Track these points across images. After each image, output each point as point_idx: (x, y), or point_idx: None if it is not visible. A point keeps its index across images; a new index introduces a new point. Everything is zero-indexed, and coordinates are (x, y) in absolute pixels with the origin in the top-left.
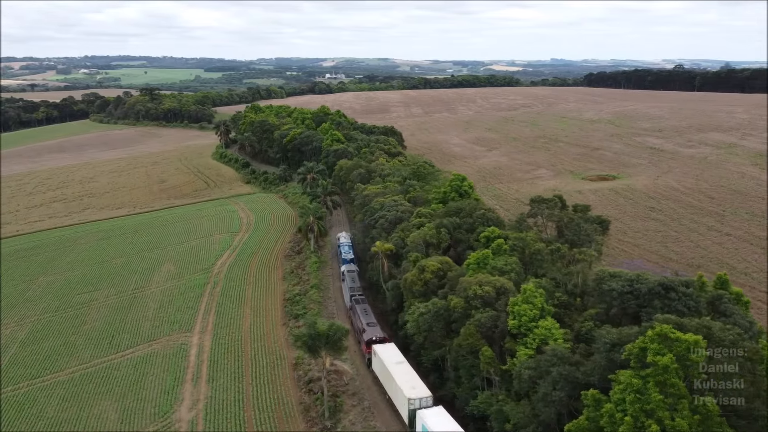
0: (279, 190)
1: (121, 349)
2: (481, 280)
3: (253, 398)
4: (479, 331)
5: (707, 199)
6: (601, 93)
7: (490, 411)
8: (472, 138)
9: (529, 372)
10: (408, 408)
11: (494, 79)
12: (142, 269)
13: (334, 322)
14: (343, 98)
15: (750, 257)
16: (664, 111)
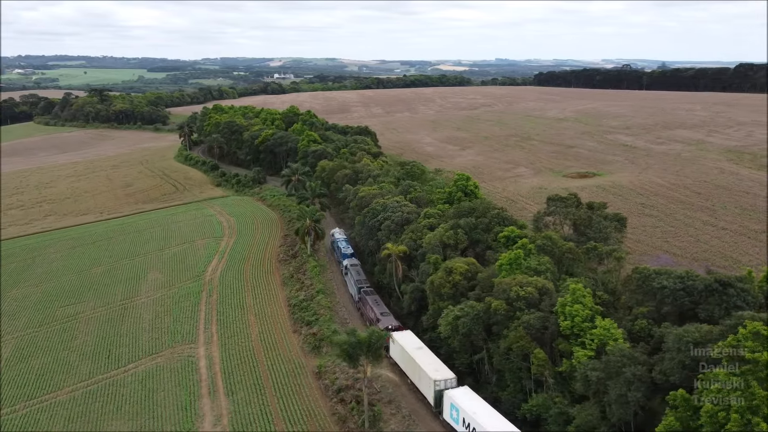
0: (254, 193)
1: (122, 364)
2: (520, 281)
3: (281, 411)
4: (528, 334)
5: (694, 194)
6: (555, 92)
7: (548, 414)
8: (443, 137)
9: (596, 373)
10: (434, 389)
11: (446, 79)
12: (127, 278)
13: (375, 330)
14: (301, 98)
15: (751, 251)
16: (625, 109)
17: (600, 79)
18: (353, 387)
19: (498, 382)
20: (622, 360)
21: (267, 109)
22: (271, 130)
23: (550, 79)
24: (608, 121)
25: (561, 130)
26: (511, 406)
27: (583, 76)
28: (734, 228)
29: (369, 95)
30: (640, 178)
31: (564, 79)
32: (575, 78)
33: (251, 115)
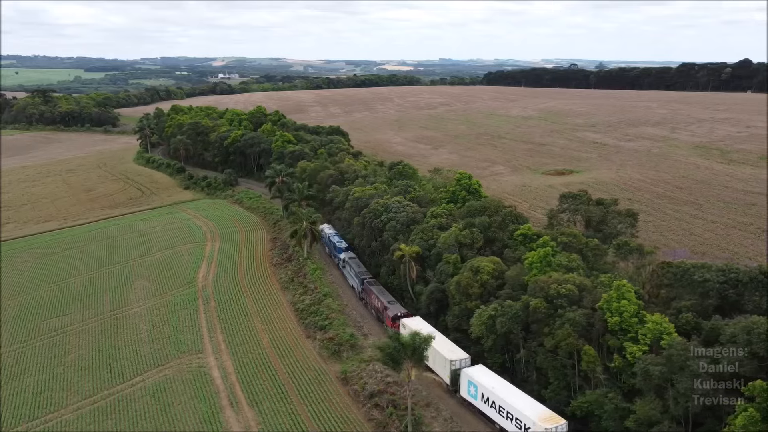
0: (227, 196)
1: (127, 378)
2: (557, 278)
3: (314, 420)
4: (575, 331)
5: (676, 189)
6: (509, 91)
7: (603, 410)
8: (412, 137)
9: (659, 368)
10: (450, 369)
11: (396, 79)
12: (111, 287)
13: (418, 333)
14: (254, 98)
15: (745, 242)
16: (586, 108)
17: (549, 78)
18: (386, 391)
19: (538, 380)
20: (684, 353)
21: (232, 109)
22: (240, 131)
23: (499, 78)
24: (573, 119)
25: (529, 128)
26: (556, 403)
27: (532, 75)
28: (723, 221)
29: (325, 95)
30: (620, 175)
31: (513, 78)
32: (524, 77)
33: (215, 115)
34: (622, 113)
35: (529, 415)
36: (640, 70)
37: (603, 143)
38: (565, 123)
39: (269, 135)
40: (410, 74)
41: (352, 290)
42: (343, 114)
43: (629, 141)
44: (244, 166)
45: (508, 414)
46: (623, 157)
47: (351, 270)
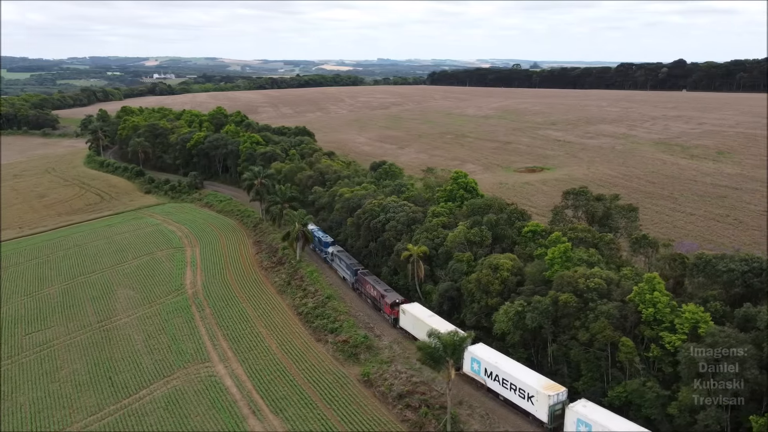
0: (194, 199)
1: (132, 391)
2: (584, 273)
3: (345, 424)
4: (611, 323)
5: (649, 184)
6: (457, 90)
7: (644, 398)
8: (375, 136)
9: (704, 355)
10: None
11: (340, 79)
12: (92, 297)
13: (457, 331)
14: (200, 99)
15: (727, 233)
16: (539, 106)
17: (492, 78)
18: (416, 392)
19: (570, 372)
20: (728, 341)
21: (189, 110)
22: (203, 132)
23: (443, 78)
24: (531, 118)
25: (491, 127)
26: (591, 394)
27: (476, 75)
28: (700, 213)
29: (273, 95)
30: (592, 171)
31: (457, 78)
32: (468, 77)
33: (172, 117)
34: (577, 112)
35: (533, 385)
36: (581, 70)
37: (566, 141)
38: (525, 122)
39: (233, 136)
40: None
41: (344, 281)
42: (295, 114)
43: (591, 138)
44: (208, 168)
45: (511, 385)
46: (590, 154)
47: (341, 263)
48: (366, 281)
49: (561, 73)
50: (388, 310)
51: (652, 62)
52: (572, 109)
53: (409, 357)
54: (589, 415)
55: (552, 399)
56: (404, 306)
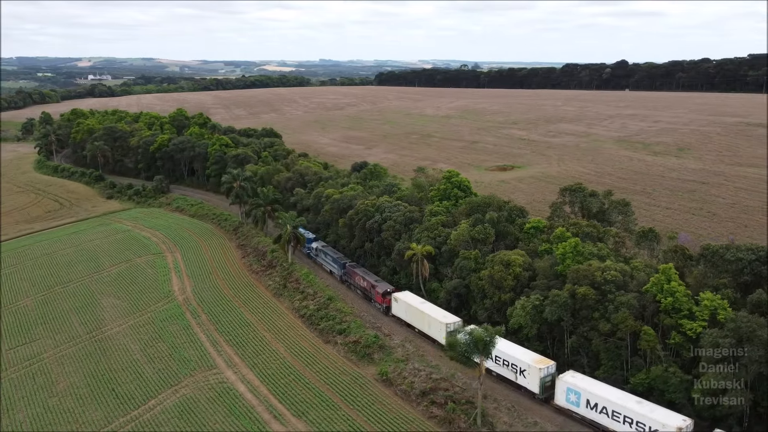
0: (162, 204)
1: (140, 402)
2: (599, 266)
3: (371, 423)
4: (631, 313)
5: (621, 180)
6: (410, 91)
7: (668, 384)
8: (339, 137)
9: (728, 339)
10: (446, 331)
11: (286, 80)
12: (75, 308)
13: (487, 327)
14: (146, 101)
15: (704, 225)
16: (497, 106)
17: (440, 78)
18: (439, 388)
19: (589, 362)
20: (751, 325)
21: (147, 112)
22: (166, 135)
23: (390, 78)
24: (492, 118)
25: (454, 126)
26: (612, 382)
27: (424, 75)
28: (676, 207)
29: (223, 96)
30: (564, 169)
31: (405, 78)
32: (417, 77)
33: (130, 119)
34: (535, 111)
35: (525, 360)
36: (527, 71)
37: (531, 140)
38: (487, 121)
39: (199, 138)
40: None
41: (330, 275)
42: (249, 116)
43: (554, 137)
44: (173, 171)
45: (504, 361)
46: (557, 152)
47: (327, 257)
48: (355, 273)
49: (508, 73)
50: (380, 299)
51: (595, 63)
52: (530, 108)
53: (423, 355)
54: (578, 384)
55: (542, 372)
56: (396, 294)
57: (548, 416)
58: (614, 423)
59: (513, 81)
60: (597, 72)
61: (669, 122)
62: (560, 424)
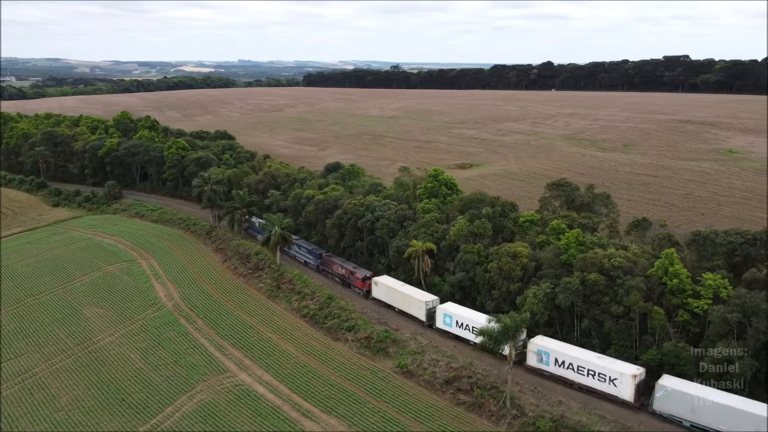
0: (116, 210)
1: (157, 410)
2: (606, 254)
3: (403, 414)
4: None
5: (579, 175)
6: (345, 92)
7: (679, 358)
8: (290, 139)
9: (735, 315)
10: (425, 309)
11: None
12: (56, 319)
13: (513, 315)
14: (68, 104)
15: (665, 215)
16: (439, 106)
17: (371, 79)
18: (461, 376)
19: (599, 343)
20: (755, 300)
21: (87, 115)
22: (115, 139)
23: (320, 79)
24: (438, 118)
25: (403, 127)
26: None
27: (354, 76)
28: (636, 199)
29: (152, 98)
30: (524, 165)
31: (334, 79)
32: (347, 78)
33: (69, 123)
34: (478, 111)
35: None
36: (457, 71)
37: (482, 138)
38: (435, 121)
39: (150, 141)
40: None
41: (305, 265)
42: (183, 118)
43: (504, 136)
44: (123, 177)
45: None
46: (510, 150)
47: (301, 249)
48: (333, 262)
49: (439, 74)
50: (360, 284)
51: (522, 64)
52: (473, 108)
53: (437, 346)
54: (547, 346)
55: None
56: (376, 278)
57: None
58: (580, 376)
59: (443, 82)
60: (524, 73)
61: (608, 120)
62: (583, 400)
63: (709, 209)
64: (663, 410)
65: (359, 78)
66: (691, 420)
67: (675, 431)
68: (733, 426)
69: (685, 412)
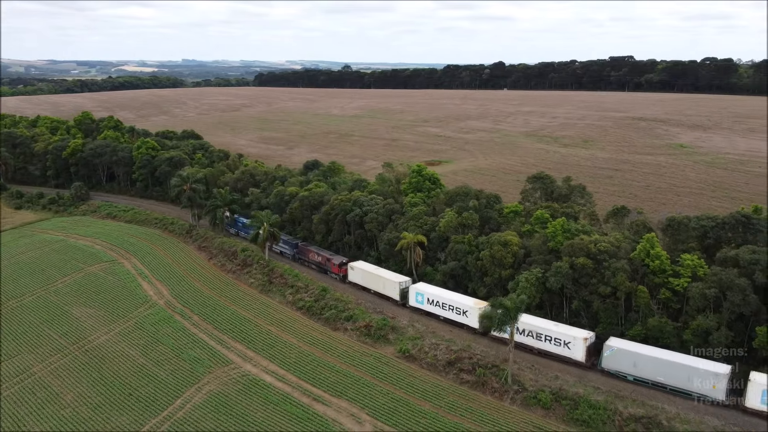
0: (86, 212)
1: (166, 402)
2: (591, 240)
3: (410, 394)
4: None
5: (546, 169)
6: (300, 91)
7: (663, 332)
8: (255, 138)
9: (714, 290)
10: (399, 289)
11: (158, 80)
12: (44, 320)
13: (512, 298)
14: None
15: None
16: (399, 105)
17: (324, 78)
18: (462, 357)
19: (588, 322)
20: (730, 276)
21: (45, 116)
22: (79, 140)
23: (271, 79)
24: (401, 117)
25: (368, 126)
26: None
27: (307, 76)
28: (601, 191)
29: (102, 99)
30: (492, 161)
31: (287, 79)
32: (300, 78)
33: (26, 123)
34: (439, 110)
35: (466, 303)
36: (410, 71)
37: (447, 136)
38: (398, 120)
39: (115, 141)
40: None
41: (281, 255)
42: (138, 119)
43: (467, 133)
44: (89, 178)
45: (449, 306)
46: (476, 147)
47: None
48: (309, 250)
49: (392, 74)
50: (336, 269)
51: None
52: (433, 107)
53: (434, 331)
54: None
55: (480, 311)
56: (352, 263)
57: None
58: (539, 342)
59: (397, 81)
60: (477, 73)
61: (566, 118)
62: (578, 375)
63: (669, 199)
64: (610, 368)
65: (312, 78)
66: (634, 374)
67: (621, 385)
68: (668, 376)
69: (628, 367)
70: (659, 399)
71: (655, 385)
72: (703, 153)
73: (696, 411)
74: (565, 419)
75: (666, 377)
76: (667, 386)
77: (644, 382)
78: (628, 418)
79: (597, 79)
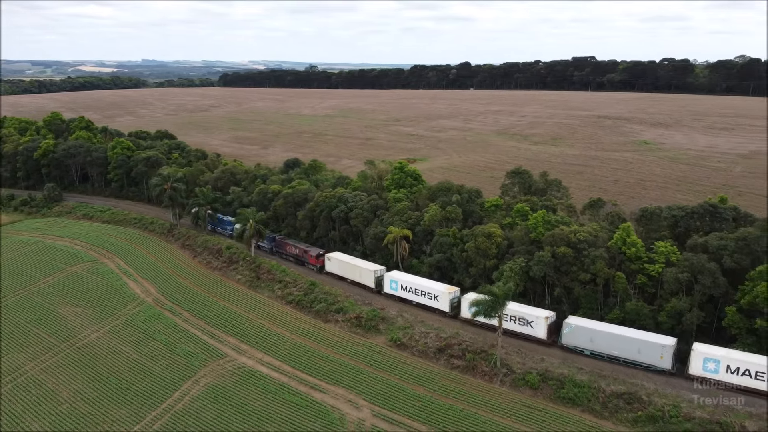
0: (61, 213)
1: (165, 395)
2: (571, 230)
3: (404, 380)
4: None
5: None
6: (268, 92)
7: (639, 315)
8: (229, 138)
9: (686, 275)
10: (374, 277)
11: (120, 81)
12: (32, 320)
13: (500, 286)
14: None
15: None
16: (370, 105)
17: (291, 79)
18: (452, 344)
19: (569, 307)
20: (702, 261)
21: (12, 117)
22: (50, 140)
23: (237, 80)
24: (374, 116)
25: (340, 125)
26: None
27: (273, 76)
28: (573, 186)
29: (65, 99)
30: (467, 159)
31: (253, 79)
32: (267, 78)
33: None
34: (409, 109)
35: (438, 288)
36: (378, 71)
37: (420, 135)
38: (371, 119)
39: (88, 141)
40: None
41: (258, 249)
42: (104, 120)
43: (439, 132)
44: (61, 179)
45: (422, 292)
46: (449, 146)
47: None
48: (287, 243)
49: (360, 74)
50: (314, 261)
51: (441, 64)
52: (403, 107)
53: (423, 321)
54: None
55: (451, 295)
56: (329, 254)
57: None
58: (505, 322)
59: (364, 81)
60: (444, 73)
61: (535, 116)
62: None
63: (637, 193)
64: (569, 344)
65: (279, 78)
66: (591, 349)
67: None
68: (621, 349)
69: (585, 343)
70: (639, 377)
71: (610, 358)
72: (666, 149)
73: (672, 386)
74: (553, 398)
75: (619, 350)
76: (621, 359)
77: (600, 356)
78: (610, 395)
79: (561, 78)
